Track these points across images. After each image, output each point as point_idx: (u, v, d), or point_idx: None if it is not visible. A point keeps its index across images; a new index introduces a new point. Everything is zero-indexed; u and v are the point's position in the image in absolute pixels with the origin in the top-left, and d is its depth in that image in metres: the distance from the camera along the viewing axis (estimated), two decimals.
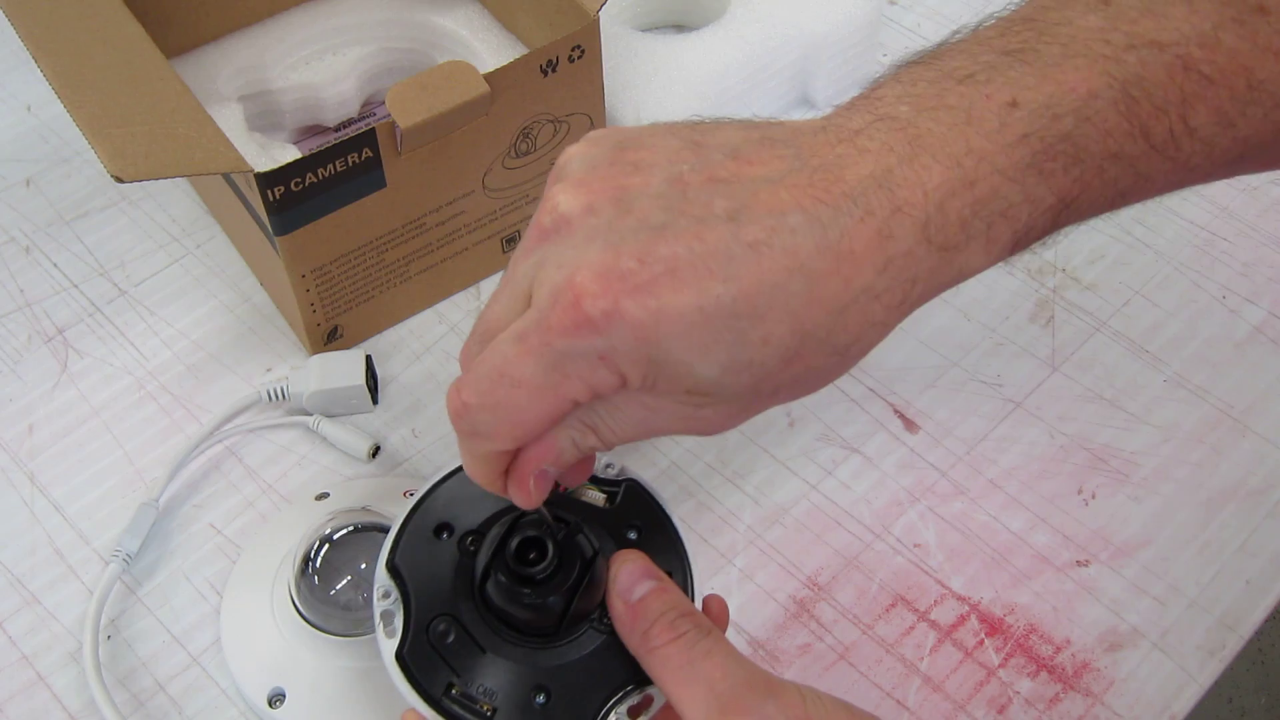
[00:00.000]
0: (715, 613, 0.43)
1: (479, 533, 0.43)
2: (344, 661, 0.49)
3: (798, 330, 0.34)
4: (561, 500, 0.43)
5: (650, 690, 0.40)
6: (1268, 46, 0.37)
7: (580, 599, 0.40)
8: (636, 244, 0.34)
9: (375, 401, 0.59)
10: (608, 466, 0.45)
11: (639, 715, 0.40)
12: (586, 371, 0.35)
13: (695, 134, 0.37)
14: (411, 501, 0.45)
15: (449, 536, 0.43)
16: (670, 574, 0.42)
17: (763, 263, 0.34)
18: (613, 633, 0.40)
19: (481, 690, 0.40)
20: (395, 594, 0.42)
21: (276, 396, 0.59)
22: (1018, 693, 0.49)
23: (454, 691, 0.40)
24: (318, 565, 0.50)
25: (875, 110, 0.37)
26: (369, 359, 0.59)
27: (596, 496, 0.44)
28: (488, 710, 0.40)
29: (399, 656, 0.41)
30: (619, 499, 0.44)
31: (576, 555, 0.40)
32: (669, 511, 0.44)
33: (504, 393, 0.36)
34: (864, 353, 0.37)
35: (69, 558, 0.55)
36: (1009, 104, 0.36)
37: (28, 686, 0.52)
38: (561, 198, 0.37)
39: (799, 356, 0.35)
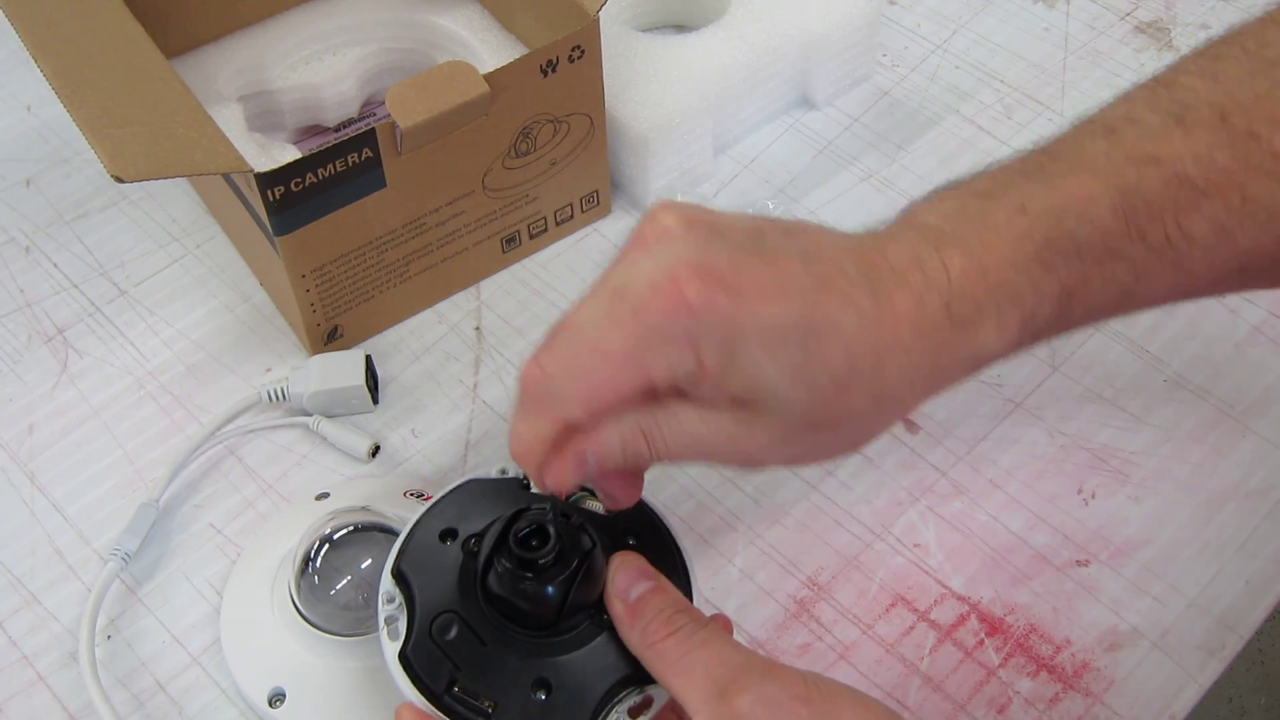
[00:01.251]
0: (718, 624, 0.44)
1: (483, 534, 0.43)
2: (344, 661, 0.49)
3: (848, 358, 0.38)
4: (564, 505, 0.43)
5: (650, 691, 0.41)
6: (1259, 166, 0.41)
7: (578, 590, 0.40)
8: (730, 256, 0.38)
9: (375, 402, 0.59)
10: None
11: (639, 715, 0.40)
12: (673, 351, 0.38)
13: (764, 217, 0.42)
14: (420, 509, 0.45)
15: (453, 541, 0.44)
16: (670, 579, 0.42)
17: (826, 293, 0.38)
18: (613, 629, 0.41)
19: (483, 686, 0.40)
20: (399, 599, 0.42)
21: (277, 397, 0.59)
22: (1018, 692, 0.49)
23: (456, 689, 0.40)
24: (318, 565, 0.50)
25: (908, 222, 0.42)
26: (369, 359, 0.59)
27: (596, 505, 0.45)
28: (488, 706, 0.40)
29: (402, 655, 0.41)
30: (620, 511, 0.44)
31: (576, 547, 0.41)
32: (669, 524, 0.45)
33: (590, 360, 0.38)
34: (893, 415, 0.42)
35: (69, 558, 0.55)
36: (1018, 209, 0.40)
37: (28, 686, 0.52)
38: (663, 215, 0.40)
39: (846, 388, 0.39)
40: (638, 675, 0.40)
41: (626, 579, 0.41)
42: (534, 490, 0.44)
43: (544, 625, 0.41)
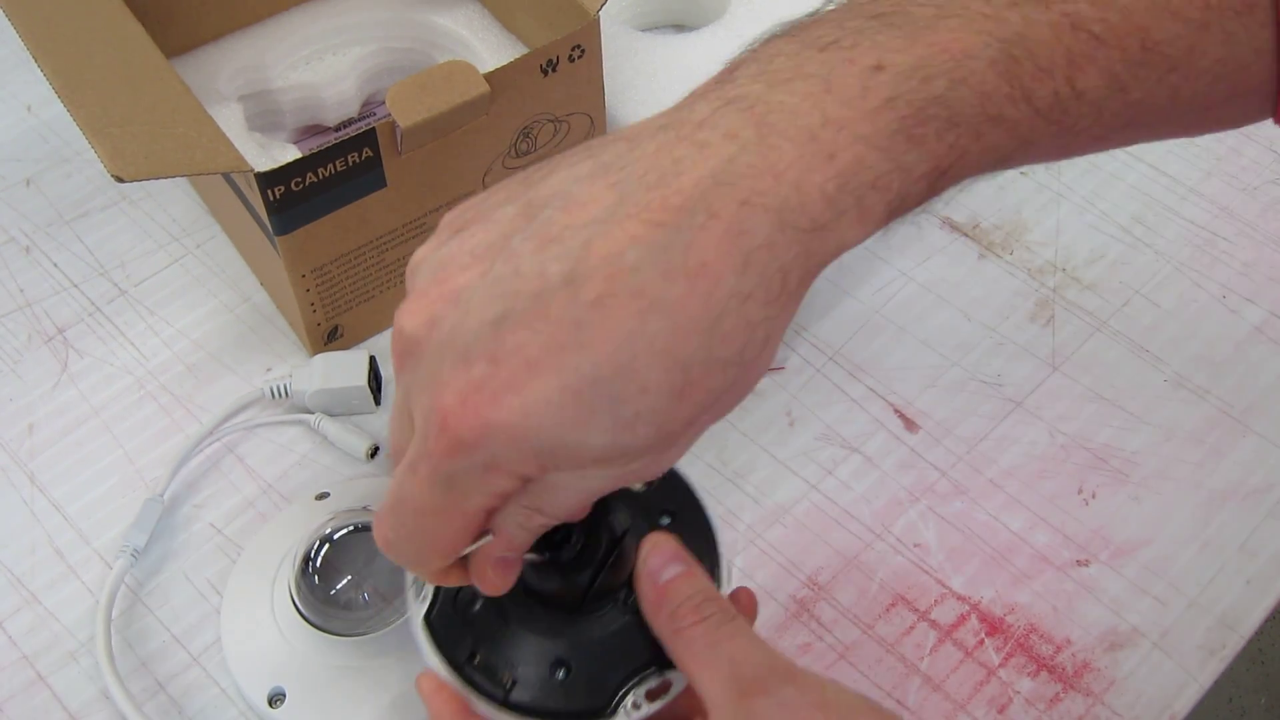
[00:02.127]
0: (744, 605, 0.43)
1: None
2: (344, 661, 0.49)
3: (674, 366, 0.32)
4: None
5: (670, 675, 0.40)
6: (1166, 5, 0.34)
7: (606, 575, 0.40)
8: (483, 346, 0.32)
9: (378, 402, 0.59)
10: None
11: (656, 699, 0.40)
12: (481, 484, 0.34)
13: (529, 190, 0.35)
14: None
15: None
16: (701, 561, 0.42)
17: (611, 317, 0.31)
18: (638, 614, 0.40)
19: (503, 661, 0.40)
20: None
21: (279, 394, 0.59)
22: (1018, 692, 0.49)
23: (476, 660, 0.40)
24: (318, 565, 0.50)
25: (725, 94, 0.34)
26: (372, 359, 0.59)
27: (635, 483, 0.44)
28: (507, 681, 0.40)
29: (427, 619, 0.41)
30: (655, 484, 0.44)
31: (605, 532, 0.40)
32: (702, 500, 0.44)
33: (414, 523, 0.36)
34: (763, 353, 0.34)
35: (69, 558, 0.55)
36: (874, 68, 0.33)
37: (28, 686, 0.52)
38: (405, 320, 0.36)
39: (690, 387, 0.32)
40: (659, 660, 0.40)
41: (659, 561, 0.40)
42: None
43: (568, 608, 0.41)
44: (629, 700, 0.40)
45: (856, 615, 0.52)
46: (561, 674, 0.40)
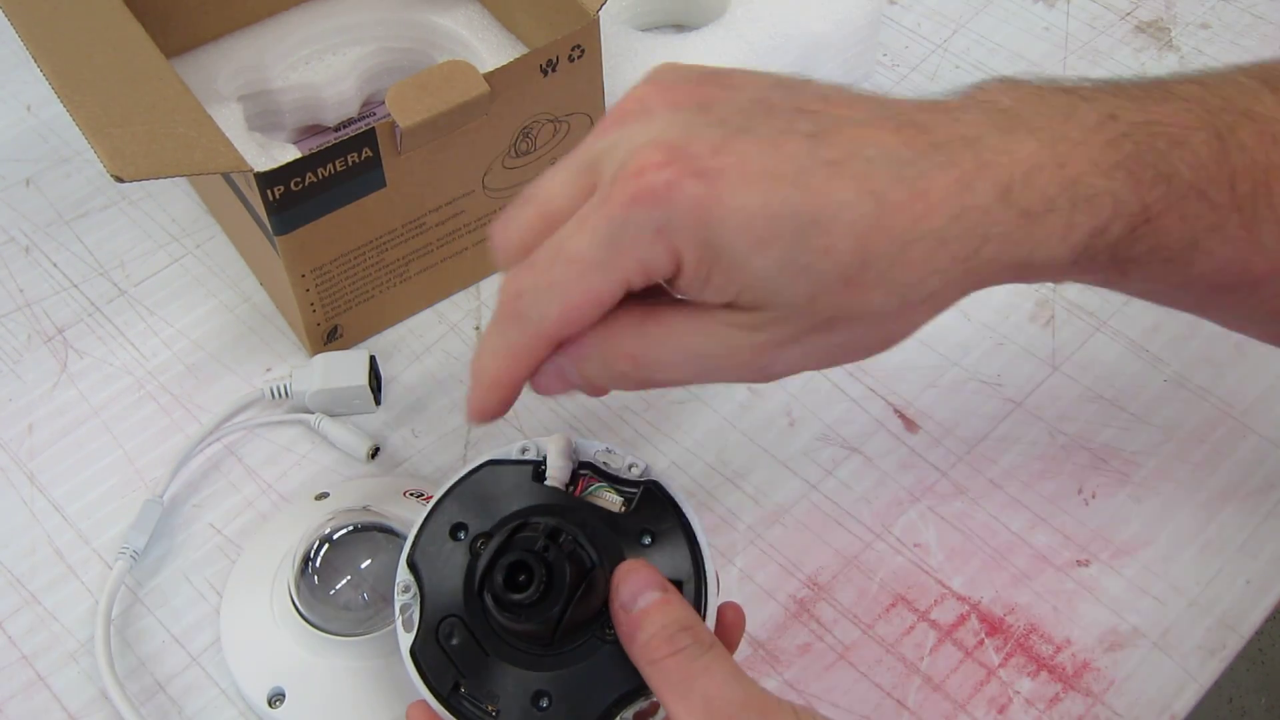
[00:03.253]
0: (729, 622, 0.43)
1: (489, 535, 0.43)
2: (344, 661, 0.49)
3: (860, 250, 0.34)
4: (575, 505, 0.43)
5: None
6: None
7: (575, 609, 0.40)
8: (711, 136, 0.34)
9: (378, 402, 0.59)
10: (631, 466, 0.44)
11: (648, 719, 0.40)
12: (643, 246, 0.34)
13: (785, 78, 0.38)
14: (439, 491, 0.44)
15: (464, 537, 0.43)
16: (683, 582, 0.42)
17: (835, 179, 0.34)
18: (618, 641, 0.40)
19: (485, 693, 0.40)
20: (414, 589, 0.42)
21: (279, 394, 0.59)
22: (1018, 692, 0.49)
23: (461, 690, 0.40)
24: (317, 565, 0.50)
25: (976, 97, 0.38)
26: (373, 359, 0.59)
27: (613, 500, 0.43)
28: (492, 711, 0.40)
29: (412, 651, 0.41)
30: (635, 503, 0.43)
31: (571, 566, 0.40)
32: (690, 514, 0.43)
33: (559, 270, 0.35)
34: (921, 307, 0.37)
35: (69, 558, 0.55)
36: (1109, 115, 0.37)
37: (28, 686, 0.52)
38: (645, 89, 0.36)
39: (858, 282, 0.34)
40: (641, 690, 0.40)
41: (631, 591, 0.39)
42: (549, 482, 0.43)
43: (544, 641, 0.41)
44: None
45: (856, 615, 0.52)
46: (544, 704, 0.40)
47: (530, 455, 0.44)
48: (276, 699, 0.49)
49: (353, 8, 0.69)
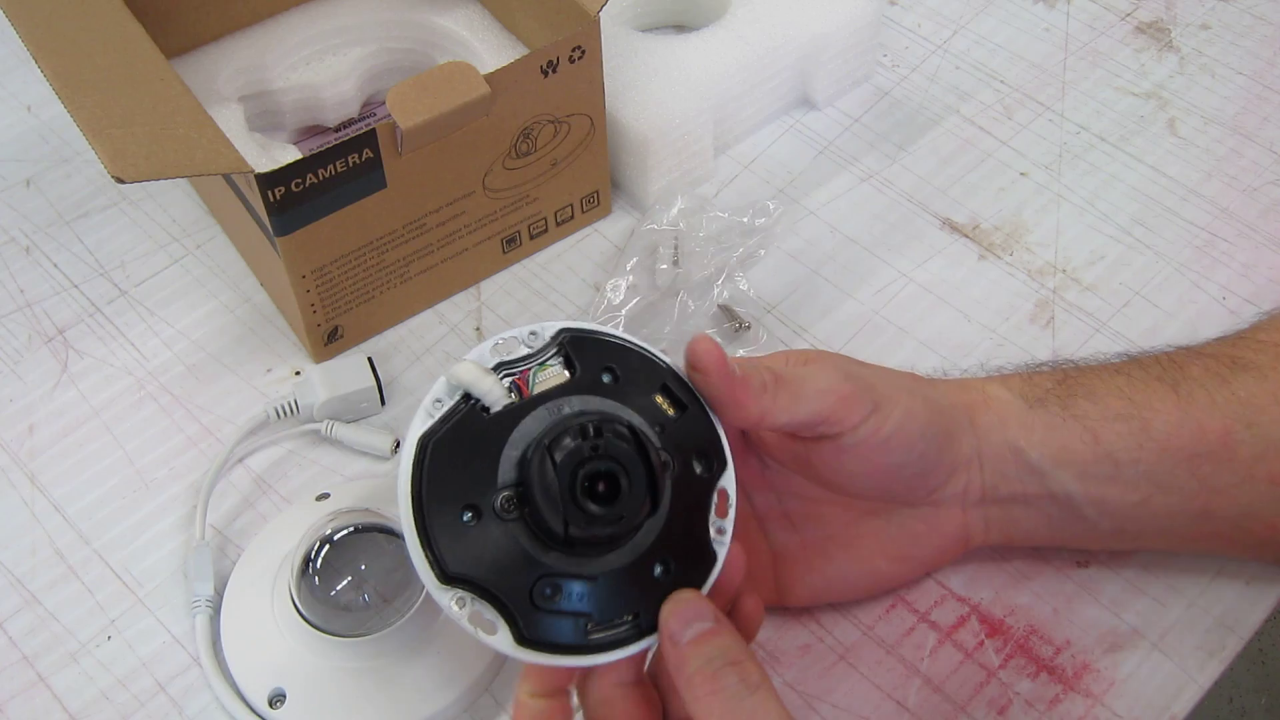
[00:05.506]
0: (748, 613, 0.43)
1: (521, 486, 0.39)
2: (344, 661, 0.49)
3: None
4: (534, 401, 0.40)
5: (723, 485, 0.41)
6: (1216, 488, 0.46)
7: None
8: None
9: (383, 401, 0.59)
10: (532, 334, 0.41)
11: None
12: None
13: None
14: (401, 498, 0.40)
15: (480, 507, 0.39)
16: (685, 406, 0.41)
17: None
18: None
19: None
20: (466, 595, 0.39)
21: (286, 412, 0.58)
22: (1018, 694, 0.49)
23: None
24: (318, 566, 0.50)
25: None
26: (370, 361, 0.59)
27: (558, 372, 0.41)
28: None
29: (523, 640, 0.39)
30: (571, 359, 0.41)
31: (642, 457, 0.39)
32: (622, 335, 0.42)
33: None
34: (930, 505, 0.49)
35: (69, 558, 0.55)
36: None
37: (28, 687, 0.52)
38: None
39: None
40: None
41: (678, 622, 0.39)
42: (495, 409, 0.40)
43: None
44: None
45: (857, 616, 0.52)
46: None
47: (446, 405, 0.40)
48: (277, 699, 0.49)
49: (353, 8, 0.69)
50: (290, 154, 0.62)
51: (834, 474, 0.46)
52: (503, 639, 0.39)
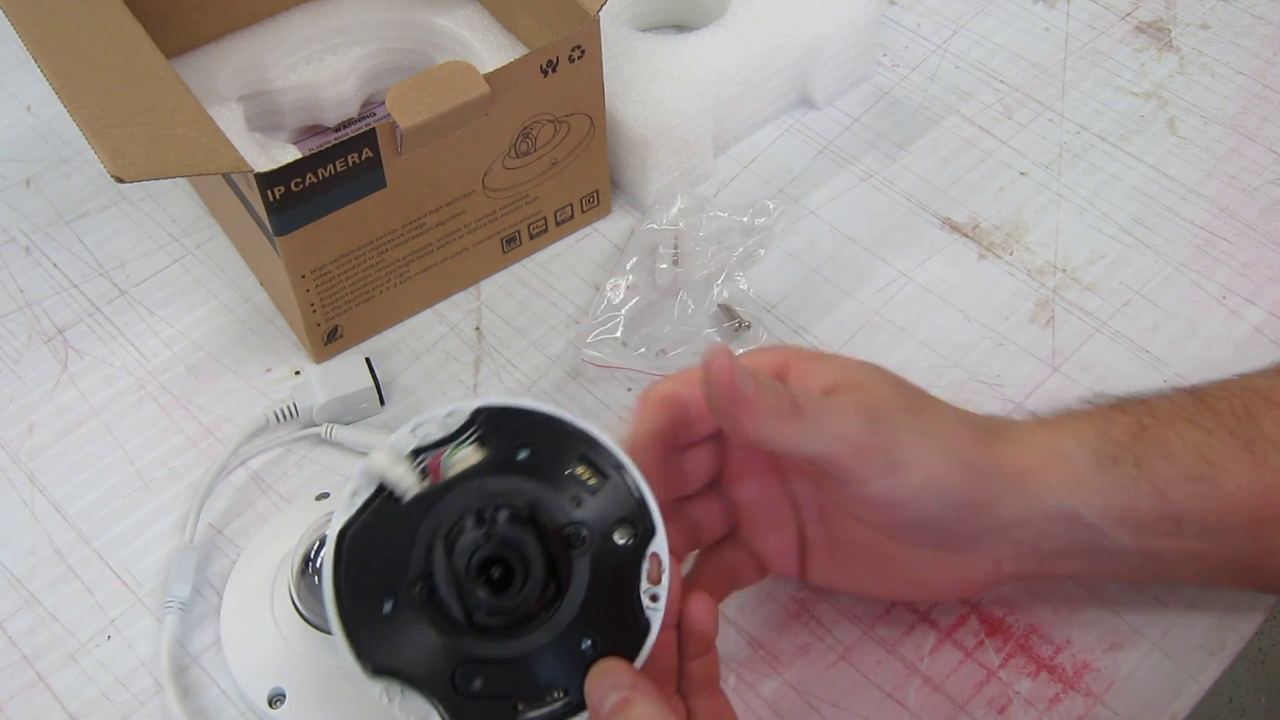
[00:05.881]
0: (698, 618, 0.42)
1: (424, 579, 0.40)
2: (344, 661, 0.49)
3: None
4: (445, 487, 0.40)
5: (654, 549, 0.41)
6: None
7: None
8: None
9: (382, 401, 0.59)
10: (448, 415, 0.41)
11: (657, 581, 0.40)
12: None
13: None
14: (326, 602, 0.40)
15: (395, 597, 0.40)
16: (607, 475, 0.41)
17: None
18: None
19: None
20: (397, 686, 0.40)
21: (285, 415, 0.58)
22: (1018, 693, 0.49)
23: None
24: (318, 565, 0.50)
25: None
26: (368, 360, 0.59)
27: (471, 454, 0.41)
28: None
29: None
30: (487, 438, 0.41)
31: (541, 544, 0.40)
32: (550, 410, 0.41)
33: None
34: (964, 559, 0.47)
35: (69, 558, 0.55)
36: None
37: (28, 687, 0.52)
38: None
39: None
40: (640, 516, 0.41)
41: (598, 694, 0.39)
42: (407, 497, 0.40)
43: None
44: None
45: (857, 616, 0.52)
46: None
47: (363, 496, 0.40)
48: (276, 699, 0.49)
49: (353, 8, 0.69)
50: (290, 154, 0.62)
51: (850, 534, 0.46)
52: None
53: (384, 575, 0.40)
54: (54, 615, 0.54)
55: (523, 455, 0.41)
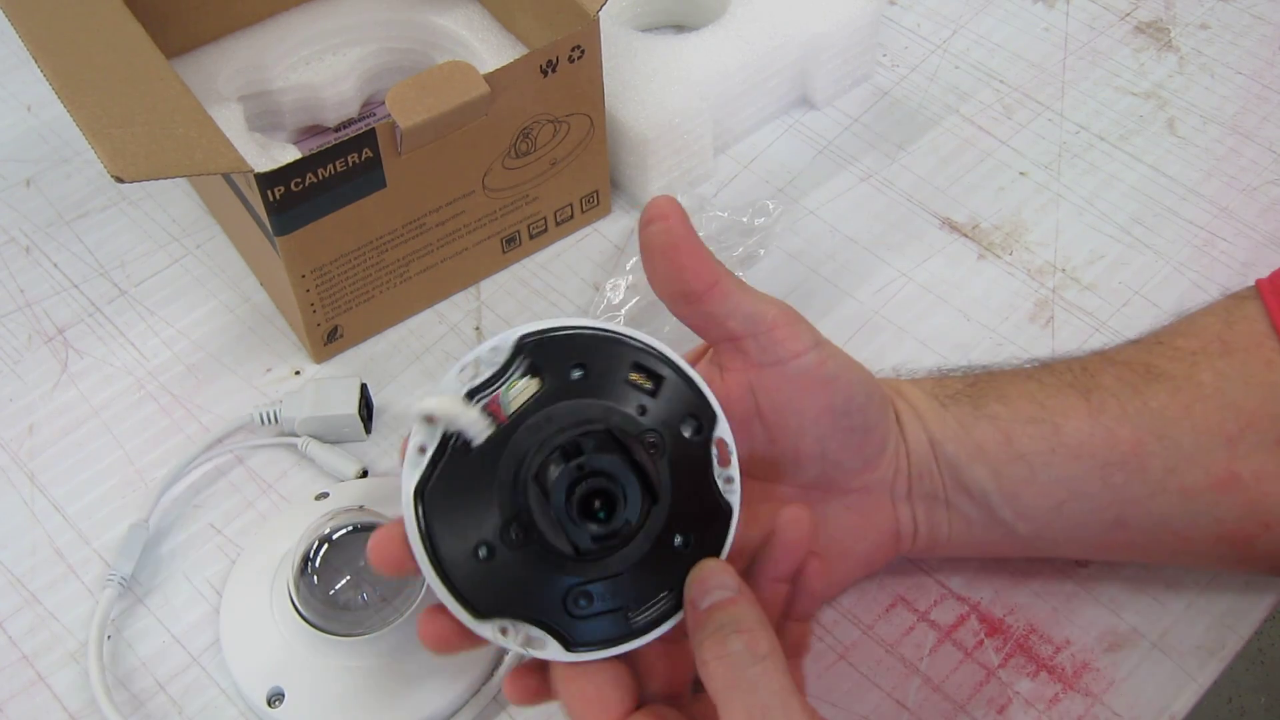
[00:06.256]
0: (807, 577, 0.43)
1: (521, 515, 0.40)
2: (344, 661, 0.49)
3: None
4: (513, 424, 0.40)
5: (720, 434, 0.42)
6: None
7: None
8: None
9: (368, 431, 0.59)
10: (493, 350, 0.41)
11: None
12: None
13: None
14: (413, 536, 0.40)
15: (485, 537, 0.40)
16: (661, 377, 0.41)
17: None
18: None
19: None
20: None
21: (269, 420, 0.58)
22: (1018, 693, 0.49)
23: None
24: (317, 565, 0.50)
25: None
26: (364, 387, 0.58)
27: (525, 386, 0.40)
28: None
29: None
30: (538, 367, 0.40)
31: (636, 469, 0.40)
32: (589, 324, 0.41)
33: None
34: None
35: (69, 558, 0.55)
36: None
37: (28, 686, 0.52)
38: None
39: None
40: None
41: (701, 588, 0.40)
42: (476, 442, 0.40)
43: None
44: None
45: (856, 616, 0.52)
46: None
47: (430, 449, 0.40)
48: (276, 699, 0.49)
49: (353, 8, 0.69)
50: (290, 154, 0.62)
51: (778, 414, 0.45)
52: (554, 650, 0.40)
53: (471, 525, 0.39)
54: (54, 615, 0.54)
55: (577, 375, 0.41)
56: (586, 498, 0.39)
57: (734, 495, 0.42)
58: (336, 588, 0.50)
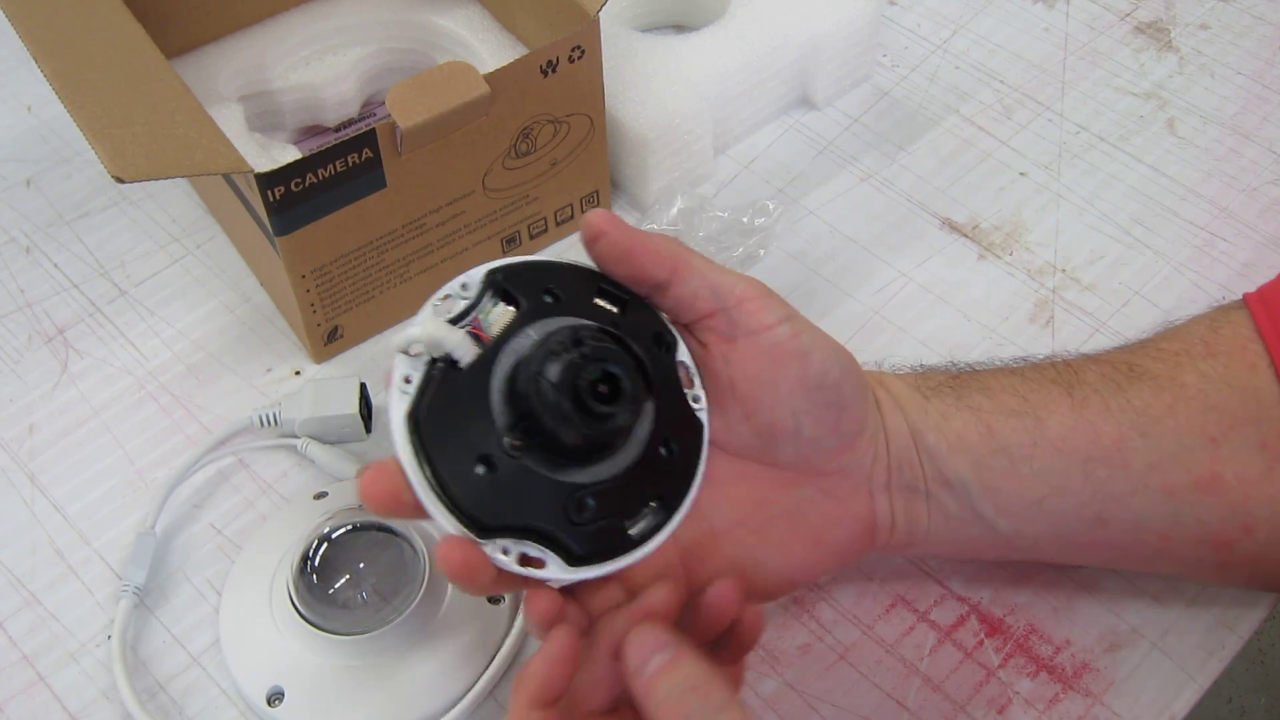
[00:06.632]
0: (748, 623, 0.43)
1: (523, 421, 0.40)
2: (342, 659, 0.49)
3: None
4: (498, 342, 0.41)
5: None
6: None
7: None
8: None
9: (368, 430, 0.59)
10: (464, 286, 0.42)
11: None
12: None
13: None
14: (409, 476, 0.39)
15: (488, 454, 0.40)
16: (625, 300, 0.43)
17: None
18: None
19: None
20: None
21: (268, 422, 0.58)
22: (1017, 693, 0.49)
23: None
24: (316, 564, 0.50)
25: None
26: (363, 386, 0.58)
27: (505, 311, 0.42)
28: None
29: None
30: (511, 295, 0.42)
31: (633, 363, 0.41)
32: (551, 259, 0.44)
33: None
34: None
35: (69, 558, 0.55)
36: None
37: (28, 686, 0.52)
38: None
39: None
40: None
41: (638, 657, 0.39)
42: (464, 363, 0.40)
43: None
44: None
45: (856, 616, 0.52)
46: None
47: (417, 377, 0.40)
48: (276, 698, 0.49)
49: (353, 8, 0.69)
50: (290, 154, 0.62)
51: (752, 387, 0.44)
52: (555, 569, 0.40)
53: (468, 441, 0.39)
54: (54, 615, 0.54)
55: (548, 300, 0.43)
56: (594, 383, 0.40)
57: (703, 413, 0.44)
58: (336, 587, 0.50)
